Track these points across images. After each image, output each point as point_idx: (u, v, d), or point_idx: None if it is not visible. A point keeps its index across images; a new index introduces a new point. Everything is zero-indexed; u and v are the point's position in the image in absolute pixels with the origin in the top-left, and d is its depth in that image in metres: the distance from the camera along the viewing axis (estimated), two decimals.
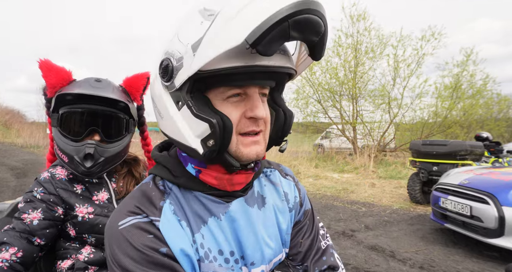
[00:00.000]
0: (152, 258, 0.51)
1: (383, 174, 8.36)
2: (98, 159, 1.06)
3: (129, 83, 1.19)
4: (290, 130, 0.64)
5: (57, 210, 1.05)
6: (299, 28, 0.46)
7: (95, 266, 1.08)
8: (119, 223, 0.55)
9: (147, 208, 0.57)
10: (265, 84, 0.57)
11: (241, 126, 0.55)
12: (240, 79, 0.53)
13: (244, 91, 0.55)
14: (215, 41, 0.47)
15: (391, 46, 10.73)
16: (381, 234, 3.79)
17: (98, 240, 1.07)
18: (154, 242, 0.53)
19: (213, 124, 0.51)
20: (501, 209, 2.88)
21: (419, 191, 5.19)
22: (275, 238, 0.66)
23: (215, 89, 0.54)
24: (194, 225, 0.58)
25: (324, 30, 0.49)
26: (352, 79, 11.15)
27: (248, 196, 0.64)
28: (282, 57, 0.54)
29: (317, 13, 0.46)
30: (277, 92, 0.64)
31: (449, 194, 3.49)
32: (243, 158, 0.56)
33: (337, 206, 5.25)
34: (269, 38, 0.44)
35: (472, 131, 10.72)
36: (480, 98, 10.62)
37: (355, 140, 11.63)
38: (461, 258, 3.04)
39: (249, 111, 0.55)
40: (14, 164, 8.60)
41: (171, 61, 0.54)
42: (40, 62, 1.04)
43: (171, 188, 0.61)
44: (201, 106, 0.53)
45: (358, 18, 10.86)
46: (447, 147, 4.97)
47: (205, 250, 0.57)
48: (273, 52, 0.47)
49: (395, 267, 2.86)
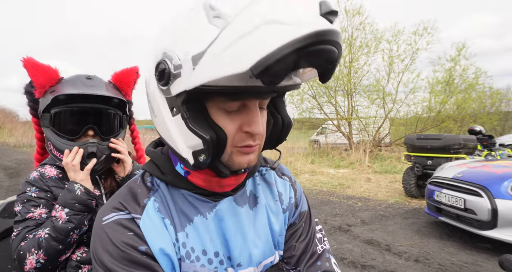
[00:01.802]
0: (130, 256, 0.51)
1: (379, 168, 8.43)
2: (100, 157, 1.07)
3: (119, 78, 1.17)
4: (286, 138, 0.62)
5: (55, 205, 1.04)
6: (311, 60, 0.42)
7: (89, 265, 1.07)
8: (103, 218, 0.54)
9: (129, 205, 0.56)
10: (265, 98, 0.54)
11: (236, 139, 0.52)
12: (240, 92, 0.48)
13: (243, 103, 0.52)
14: (219, 61, 0.41)
15: (385, 41, 10.77)
16: (377, 228, 3.83)
17: (90, 238, 1.06)
18: (133, 239, 0.52)
19: (206, 141, 0.48)
20: (494, 201, 2.92)
21: (414, 185, 5.24)
22: (266, 239, 0.63)
23: (215, 98, 0.50)
24: (178, 224, 0.56)
25: (337, 57, 0.44)
26: (347, 74, 11.18)
27: (238, 195, 0.62)
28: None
29: (333, 43, 0.41)
30: (279, 97, 0.63)
31: (443, 187, 3.53)
32: (234, 166, 0.54)
33: (333, 201, 5.28)
34: (275, 69, 0.40)
35: (465, 125, 10.85)
36: (472, 92, 10.73)
37: (350, 135, 11.70)
38: (455, 251, 3.09)
39: (245, 125, 0.51)
40: (6, 164, 8.49)
41: (168, 66, 0.48)
42: (24, 61, 1.01)
43: (159, 185, 0.59)
44: (197, 118, 0.50)
45: (353, 13, 10.87)
46: (441, 141, 5.02)
47: (187, 250, 0.55)
48: (277, 83, 0.44)
49: (391, 260, 2.90)
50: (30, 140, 14.43)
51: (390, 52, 10.73)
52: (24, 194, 1.02)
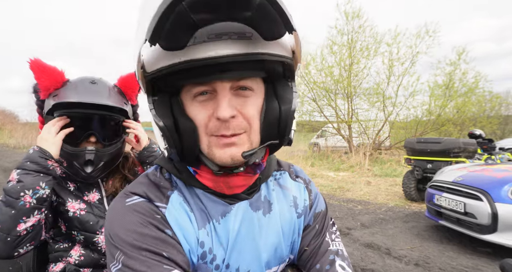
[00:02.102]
0: (158, 235, 0.49)
1: (379, 172, 8.42)
2: (98, 164, 1.06)
3: (124, 83, 1.17)
4: (294, 127, 0.55)
5: (51, 199, 1.04)
6: (203, 9, 0.38)
7: (88, 267, 1.06)
8: (126, 200, 0.53)
9: (154, 194, 0.55)
10: (229, 77, 0.48)
11: (210, 127, 0.50)
12: (200, 75, 0.47)
13: (213, 88, 0.48)
14: (135, 41, 0.45)
15: (385, 44, 10.82)
16: (377, 231, 3.82)
17: (87, 239, 1.06)
18: (161, 222, 0.51)
19: (160, 128, 0.48)
20: (494, 205, 2.92)
21: (414, 188, 5.23)
22: (277, 247, 0.61)
23: (184, 88, 0.50)
24: (200, 221, 0.55)
25: (260, 1, 0.38)
26: (347, 77, 11.21)
27: (253, 199, 0.59)
28: (233, 43, 0.45)
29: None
30: (281, 81, 0.54)
31: (443, 191, 3.53)
32: (216, 160, 0.51)
33: (333, 204, 5.27)
34: (168, 29, 0.38)
35: (465, 128, 10.86)
36: (472, 96, 10.76)
37: (350, 138, 11.70)
38: (456, 255, 3.08)
39: (215, 111, 0.48)
40: (6, 166, 8.47)
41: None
42: (31, 63, 1.01)
43: (176, 182, 0.59)
44: (162, 109, 0.50)
45: (353, 16, 10.92)
46: (441, 145, 5.02)
47: (204, 250, 0.54)
48: (180, 44, 0.41)
49: (391, 264, 2.88)
50: (30, 141, 14.42)
51: (390, 55, 10.78)
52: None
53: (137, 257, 0.47)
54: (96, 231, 1.06)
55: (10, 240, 0.86)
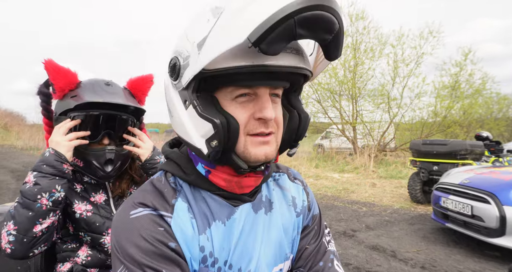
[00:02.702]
0: (160, 251, 0.51)
1: (384, 174, 8.36)
2: (116, 163, 1.08)
3: (135, 85, 1.19)
4: (306, 134, 0.62)
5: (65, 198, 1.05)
6: (307, 26, 0.43)
7: (95, 268, 1.07)
8: (131, 212, 0.55)
9: (159, 203, 0.56)
10: (275, 85, 0.54)
11: (249, 127, 0.53)
12: (249, 79, 0.51)
13: (254, 91, 0.53)
14: (219, 39, 0.45)
15: (390, 45, 10.76)
16: (382, 234, 3.79)
17: (94, 240, 1.07)
18: (164, 235, 0.53)
19: (216, 125, 0.50)
20: (502, 208, 2.88)
21: (419, 190, 5.19)
22: (279, 245, 0.64)
23: (224, 88, 0.53)
24: (201, 226, 0.57)
25: (339, 28, 0.46)
26: (352, 78, 11.16)
27: (256, 201, 0.63)
28: (294, 57, 0.51)
29: (329, 10, 0.43)
30: (293, 93, 0.62)
31: (450, 193, 3.49)
32: (251, 158, 0.54)
33: (337, 206, 5.24)
34: (273, 36, 0.42)
35: (472, 130, 10.74)
36: (479, 97, 10.64)
37: (355, 140, 11.63)
38: (463, 258, 3.04)
39: (257, 112, 0.53)
40: (14, 167, 8.59)
41: (178, 60, 0.54)
42: (45, 63, 1.02)
43: (182, 186, 0.60)
44: (207, 106, 0.52)
45: (357, 18, 10.89)
46: (447, 147, 4.97)
47: (204, 254, 0.56)
48: (278, 51, 0.45)
49: (397, 267, 2.86)
50: (37, 143, 14.60)
51: (395, 57, 10.71)
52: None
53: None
54: (103, 232, 1.07)
55: (26, 241, 0.88)
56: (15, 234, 0.87)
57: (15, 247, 0.87)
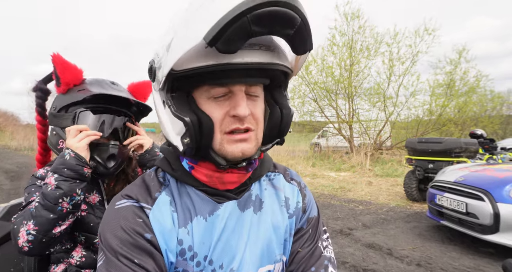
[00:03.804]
0: (136, 241, 0.53)
1: (380, 172, 8.41)
2: (118, 159, 1.08)
3: (136, 89, 1.21)
4: (290, 129, 0.61)
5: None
6: (262, 23, 0.43)
7: (89, 269, 1.06)
8: (116, 203, 0.58)
9: (142, 196, 0.59)
10: (248, 82, 0.54)
11: (225, 124, 0.54)
12: (220, 77, 0.51)
13: (229, 90, 0.53)
14: (180, 41, 0.47)
15: (385, 44, 10.81)
16: (378, 232, 3.81)
17: (88, 240, 1.06)
18: (141, 226, 0.55)
19: (186, 122, 0.52)
20: (496, 205, 2.91)
21: (415, 188, 5.23)
22: (267, 245, 0.62)
23: (200, 87, 0.54)
24: (182, 219, 0.58)
25: (301, 22, 0.46)
26: (348, 77, 11.21)
27: (242, 200, 0.62)
28: (262, 53, 0.51)
29: (285, 5, 0.43)
30: (278, 89, 0.62)
31: (445, 191, 3.52)
32: (228, 155, 0.55)
33: (334, 204, 5.26)
34: (228, 35, 0.42)
35: (467, 128, 10.84)
36: (474, 95, 10.74)
37: (351, 138, 11.69)
38: (458, 255, 3.07)
39: (232, 109, 0.53)
40: (8, 167, 8.50)
41: (154, 63, 0.56)
42: (54, 57, 1.03)
43: (169, 181, 0.62)
44: (181, 105, 0.54)
45: (352, 17, 10.92)
46: (442, 145, 5.01)
47: (183, 247, 0.57)
48: (234, 49, 0.45)
49: (393, 264, 2.88)
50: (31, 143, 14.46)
51: (391, 55, 10.77)
52: (33, 185, 1.03)
53: (113, 261, 0.52)
54: (97, 232, 1.06)
55: (45, 241, 0.90)
56: (34, 234, 0.89)
57: (34, 246, 0.89)
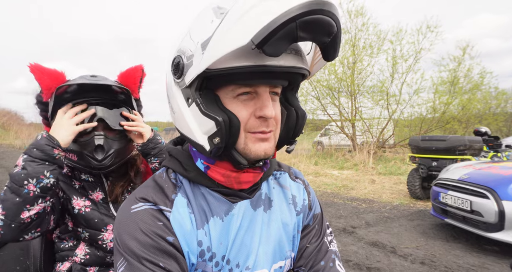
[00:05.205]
0: (158, 245, 0.53)
1: (383, 170, 8.38)
2: (108, 150, 1.05)
3: (125, 77, 1.18)
4: (303, 130, 0.64)
5: (58, 192, 1.05)
6: (307, 29, 0.45)
7: (94, 266, 1.07)
8: (132, 207, 0.57)
9: (159, 198, 0.58)
10: (275, 84, 0.56)
11: (250, 125, 0.55)
12: (250, 78, 0.53)
13: (254, 90, 0.55)
14: (223, 41, 0.47)
15: (389, 41, 10.74)
16: (381, 230, 3.80)
17: (92, 236, 1.06)
18: (162, 230, 0.54)
19: (219, 122, 0.52)
20: (501, 203, 2.89)
21: (419, 186, 5.20)
22: (278, 242, 0.65)
23: (225, 87, 0.55)
24: (199, 221, 0.58)
25: (337, 31, 0.49)
26: (351, 75, 11.15)
27: (254, 198, 0.64)
28: (293, 57, 0.53)
29: (328, 14, 0.45)
30: (290, 91, 0.64)
31: (449, 189, 3.50)
32: (251, 155, 0.56)
33: (337, 203, 5.26)
34: (275, 38, 0.44)
35: (471, 126, 10.76)
36: (478, 92, 10.64)
37: (354, 137, 11.64)
38: (462, 253, 3.05)
39: (258, 110, 0.55)
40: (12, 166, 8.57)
41: (182, 59, 0.55)
42: (31, 66, 1.02)
43: (182, 182, 0.62)
44: (209, 103, 0.54)
45: (356, 14, 10.85)
46: (446, 143, 4.98)
47: (202, 248, 0.57)
48: (280, 52, 0.46)
49: (396, 262, 2.87)
50: None
51: (394, 53, 10.69)
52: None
53: (137, 265, 0.51)
54: (101, 228, 1.06)
55: (14, 226, 0.86)
56: (3, 218, 0.85)
57: (4, 231, 0.86)
